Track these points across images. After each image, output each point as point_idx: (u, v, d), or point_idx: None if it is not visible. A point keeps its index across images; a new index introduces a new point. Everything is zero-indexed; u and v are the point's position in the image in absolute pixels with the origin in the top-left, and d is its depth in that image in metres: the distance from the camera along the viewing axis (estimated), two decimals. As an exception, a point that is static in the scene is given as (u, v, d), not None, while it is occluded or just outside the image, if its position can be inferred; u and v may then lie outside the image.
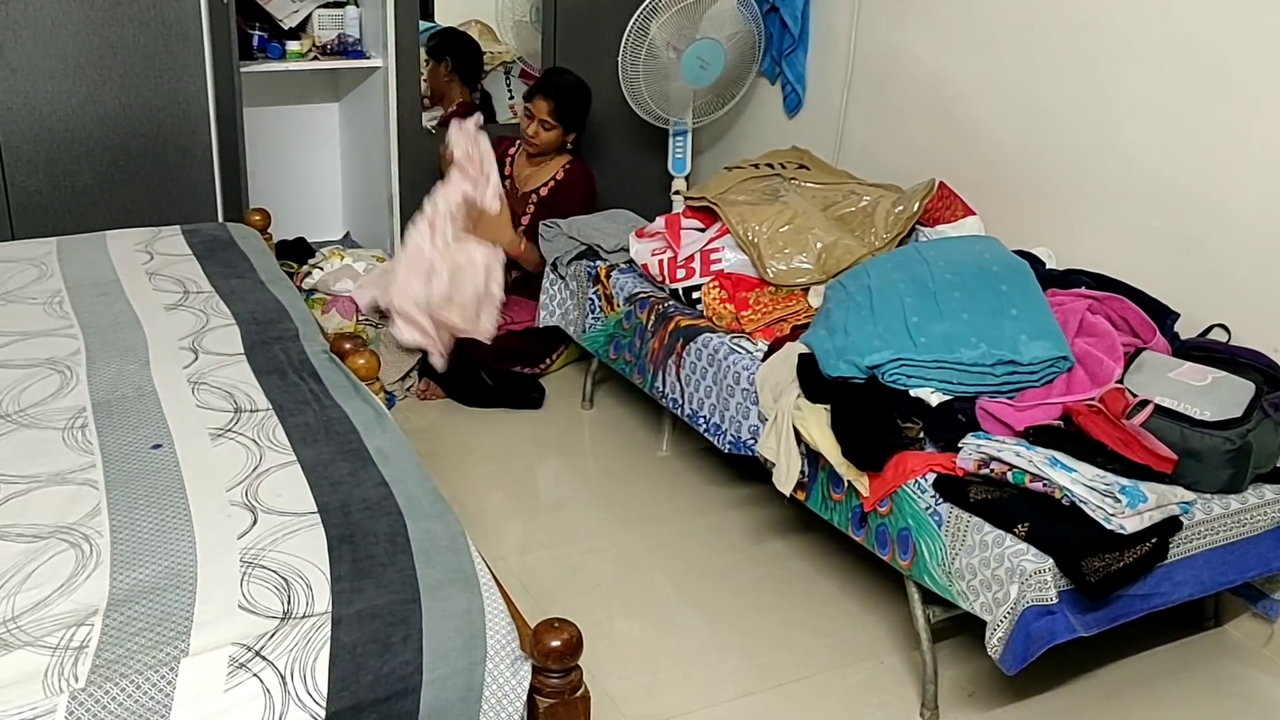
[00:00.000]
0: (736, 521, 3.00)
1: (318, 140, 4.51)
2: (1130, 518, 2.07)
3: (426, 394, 3.61)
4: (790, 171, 3.44)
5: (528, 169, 3.86)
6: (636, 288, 3.28)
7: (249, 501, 1.83)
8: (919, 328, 2.52)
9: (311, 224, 4.47)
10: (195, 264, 2.91)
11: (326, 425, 2.09)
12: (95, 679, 1.43)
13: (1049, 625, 2.06)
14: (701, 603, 2.67)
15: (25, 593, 1.59)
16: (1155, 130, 2.79)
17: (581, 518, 3.01)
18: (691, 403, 2.97)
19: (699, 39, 3.75)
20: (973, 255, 2.71)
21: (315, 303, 3.66)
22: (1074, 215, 3.02)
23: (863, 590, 2.72)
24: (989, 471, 2.22)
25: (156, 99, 3.60)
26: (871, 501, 2.36)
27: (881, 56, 3.60)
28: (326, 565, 1.66)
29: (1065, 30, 2.98)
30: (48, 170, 3.53)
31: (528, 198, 3.83)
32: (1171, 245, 2.78)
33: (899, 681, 2.43)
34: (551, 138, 3.76)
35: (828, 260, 3.00)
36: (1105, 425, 2.24)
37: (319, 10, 3.98)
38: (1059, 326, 2.54)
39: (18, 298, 2.65)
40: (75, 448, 1.99)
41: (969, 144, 3.32)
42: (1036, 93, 3.09)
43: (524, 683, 1.59)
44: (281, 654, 1.50)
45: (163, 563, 1.66)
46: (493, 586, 1.68)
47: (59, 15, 3.40)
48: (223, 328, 2.52)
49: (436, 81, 4.15)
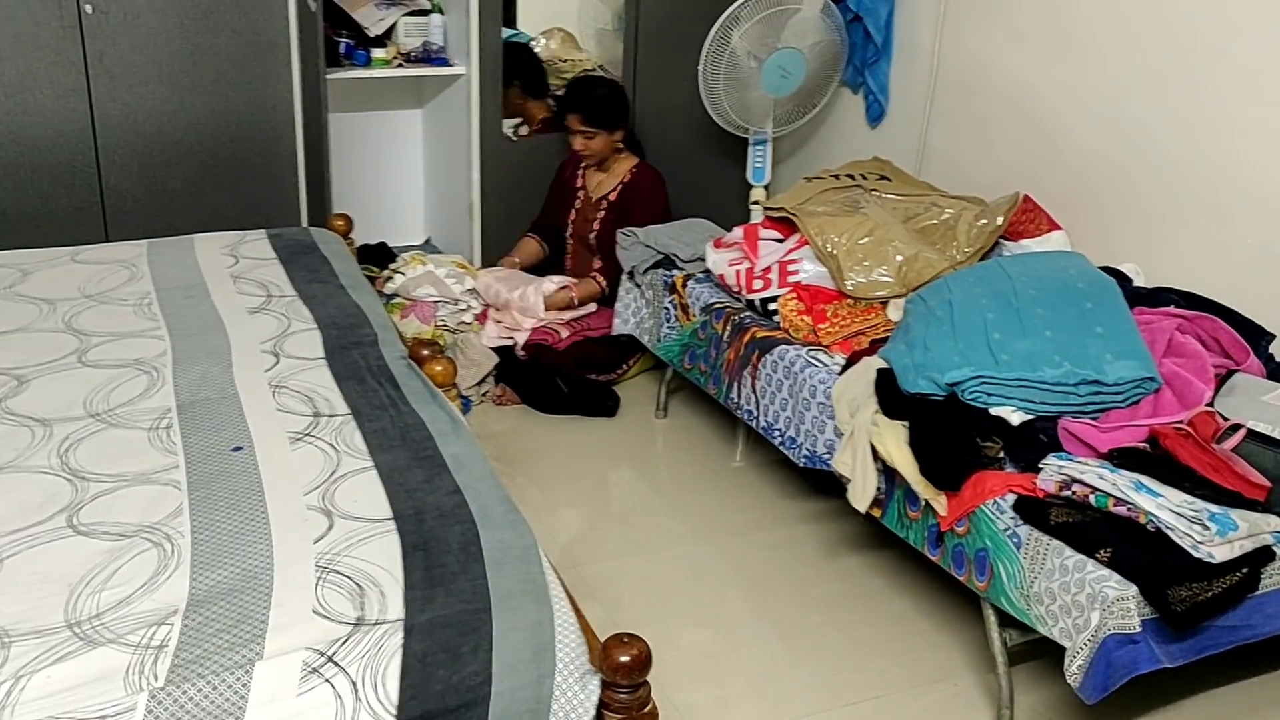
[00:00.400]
0: (810, 536, 2.97)
1: (401, 146, 4.57)
2: (1219, 546, 2.01)
3: (502, 399, 3.64)
4: (871, 182, 3.41)
5: (597, 176, 3.90)
6: (713, 298, 3.27)
7: (325, 506, 1.85)
8: (1001, 345, 2.47)
9: (393, 229, 4.53)
10: (279, 268, 2.96)
11: (403, 431, 2.11)
12: (174, 678, 1.46)
13: (1131, 655, 2.00)
14: (773, 617, 2.65)
15: (109, 590, 1.63)
16: (1251, 143, 2.70)
17: (653, 527, 3.01)
18: (767, 415, 2.94)
19: (781, 48, 3.72)
20: (1057, 271, 2.66)
21: (395, 307, 3.70)
22: (1164, 231, 2.94)
23: (938, 610, 2.68)
24: (1071, 494, 2.17)
25: (245, 105, 3.69)
26: (949, 521, 2.32)
27: (966, 66, 3.55)
28: (400, 572, 1.68)
29: (1158, 40, 2.91)
30: (140, 174, 3.63)
31: (598, 204, 3.86)
32: (1267, 263, 2.69)
33: (973, 705, 2.38)
34: (599, 144, 3.79)
35: (908, 273, 2.96)
36: (1194, 449, 2.17)
37: (404, 18, 4.04)
38: (1146, 346, 2.47)
39: (110, 299, 2.73)
40: (160, 448, 2.03)
41: (1055, 156, 3.25)
42: (1126, 104, 3.01)
43: (592, 697, 1.58)
44: (354, 660, 1.52)
45: (241, 565, 1.69)
46: (563, 599, 1.68)
47: (154, 24, 3.50)
48: (304, 332, 2.56)
49: (513, 105, 4.19)
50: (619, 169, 3.85)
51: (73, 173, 3.54)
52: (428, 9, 4.09)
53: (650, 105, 4.18)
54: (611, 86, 3.86)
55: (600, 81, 3.86)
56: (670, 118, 4.20)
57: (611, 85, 3.87)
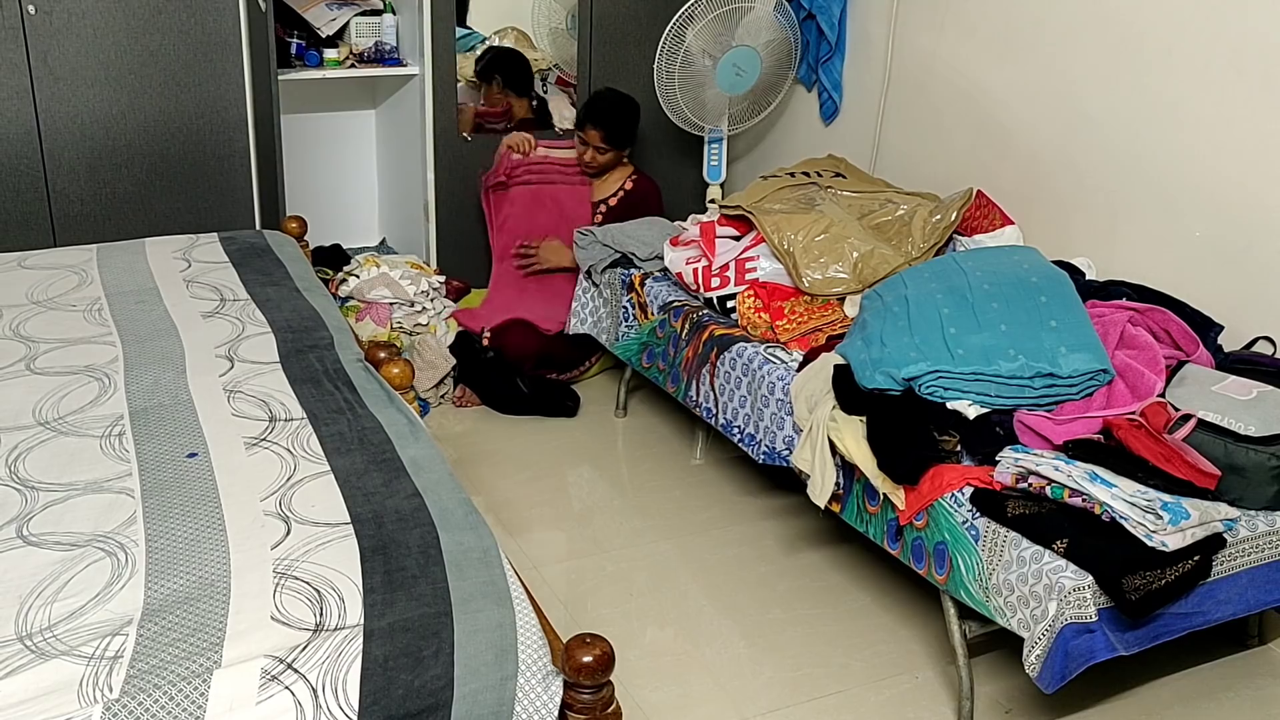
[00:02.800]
0: (771, 532, 2.98)
1: (354, 147, 4.54)
2: (1172, 534, 2.04)
3: (462, 401, 3.62)
4: (826, 180, 3.42)
5: (599, 186, 3.90)
6: (671, 296, 3.27)
7: (283, 511, 1.83)
8: (956, 339, 2.49)
9: (348, 231, 4.49)
10: (232, 271, 2.93)
11: (360, 435, 2.09)
12: (129, 689, 1.44)
13: (1088, 643, 2.03)
14: (735, 614, 2.65)
15: (61, 601, 1.60)
16: (1198, 138, 2.74)
17: (614, 526, 3.01)
18: (726, 412, 2.95)
19: (735, 46, 3.73)
20: (1011, 266, 2.68)
21: (350, 310, 3.67)
22: (1115, 225, 2.98)
23: (898, 604, 2.70)
24: (1027, 486, 2.19)
25: (195, 107, 3.64)
26: (907, 515, 2.34)
27: (919, 64, 3.57)
28: (359, 577, 1.66)
29: (1106, 36, 2.94)
30: (89, 177, 3.57)
31: (596, 207, 3.85)
32: (1215, 256, 2.73)
33: (934, 697, 2.40)
34: (608, 159, 3.82)
35: (864, 270, 2.97)
36: (1146, 440, 2.20)
37: (356, 18, 4.00)
38: (1099, 339, 2.50)
39: (58, 305, 2.68)
40: (112, 456, 2.00)
41: (1007, 152, 3.29)
42: (1076, 100, 3.05)
43: (555, 698, 1.58)
44: (314, 666, 1.50)
45: (197, 573, 1.67)
46: (525, 600, 1.67)
47: (100, 24, 3.44)
48: (258, 336, 2.54)
49: (493, 100, 4.17)
50: (617, 175, 3.88)
51: (18, 176, 3.48)
52: (380, 9, 4.06)
53: (605, 104, 4.17)
54: (634, 107, 3.84)
55: (625, 102, 3.82)
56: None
57: (633, 105, 3.84)
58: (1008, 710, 2.36)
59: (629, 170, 3.89)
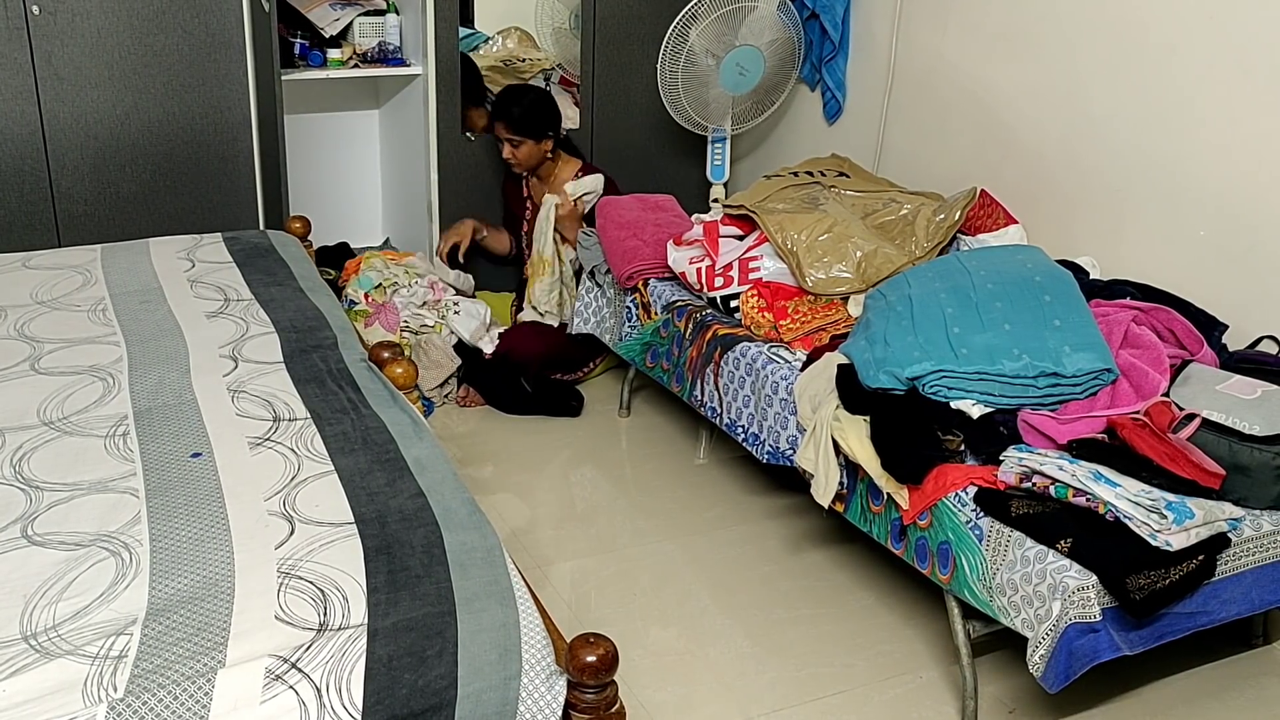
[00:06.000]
0: (775, 532, 2.98)
1: (358, 147, 4.54)
2: (1177, 534, 2.03)
3: (466, 400, 3.62)
4: (830, 179, 3.42)
5: (540, 187, 3.87)
6: (674, 296, 3.27)
7: (286, 511, 1.84)
8: (960, 339, 2.49)
9: (351, 230, 4.49)
10: (236, 271, 2.93)
11: (364, 435, 2.09)
12: (134, 689, 1.44)
13: (1092, 643, 2.03)
14: (739, 614, 2.65)
15: (66, 601, 1.60)
16: (1203, 138, 2.74)
17: (618, 526, 3.01)
18: (730, 412, 2.95)
19: (738, 45, 3.73)
20: (1015, 265, 2.68)
21: (357, 315, 3.67)
22: (1119, 224, 2.98)
23: (902, 603, 2.70)
24: (1031, 485, 2.19)
25: (199, 107, 3.65)
26: (911, 514, 2.33)
27: (922, 63, 3.57)
28: (363, 577, 1.66)
29: (1111, 36, 2.94)
30: (93, 178, 3.57)
31: None
32: (1219, 255, 2.73)
33: (938, 697, 2.40)
34: (524, 153, 3.73)
35: (867, 269, 2.97)
36: (1151, 439, 2.20)
37: (360, 18, 4.01)
38: (1103, 338, 2.50)
39: (62, 305, 2.68)
40: (116, 456, 2.01)
41: (1011, 152, 3.28)
42: (1081, 99, 3.04)
43: (559, 698, 1.58)
44: (317, 666, 1.50)
45: (201, 572, 1.67)
46: (528, 600, 1.68)
47: (104, 25, 3.45)
48: (262, 336, 2.54)
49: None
50: (563, 174, 3.82)
51: (22, 177, 3.48)
52: (383, 9, 4.06)
53: (608, 104, 4.18)
54: (537, 94, 3.77)
55: (527, 90, 3.79)
56: (629, 116, 4.20)
57: (538, 93, 3.78)
58: (1011, 710, 2.36)
59: (575, 166, 3.82)
